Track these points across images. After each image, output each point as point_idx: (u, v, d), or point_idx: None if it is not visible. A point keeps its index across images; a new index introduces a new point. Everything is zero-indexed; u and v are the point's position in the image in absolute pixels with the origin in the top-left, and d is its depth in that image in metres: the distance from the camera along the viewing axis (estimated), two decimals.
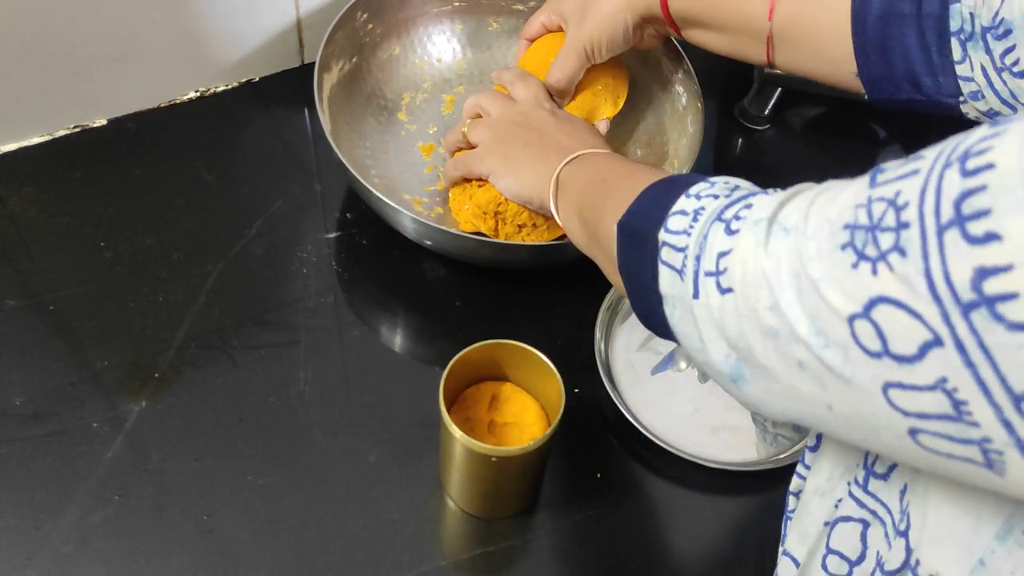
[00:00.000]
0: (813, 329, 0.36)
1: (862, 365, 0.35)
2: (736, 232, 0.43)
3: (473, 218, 0.75)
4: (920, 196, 0.32)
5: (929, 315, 0.32)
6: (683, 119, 0.84)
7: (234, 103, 0.89)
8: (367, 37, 0.85)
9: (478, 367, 0.65)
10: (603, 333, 0.76)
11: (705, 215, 0.46)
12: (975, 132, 0.32)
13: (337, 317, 0.76)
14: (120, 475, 0.67)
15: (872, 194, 0.35)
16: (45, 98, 0.81)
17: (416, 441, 0.70)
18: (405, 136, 0.85)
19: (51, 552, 0.64)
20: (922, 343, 0.32)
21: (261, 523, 0.66)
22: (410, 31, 0.88)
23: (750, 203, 0.44)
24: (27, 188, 0.81)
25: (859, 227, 0.35)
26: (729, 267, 0.42)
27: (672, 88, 0.86)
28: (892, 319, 0.33)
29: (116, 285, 0.76)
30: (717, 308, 0.43)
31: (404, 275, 0.80)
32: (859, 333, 0.34)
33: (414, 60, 0.88)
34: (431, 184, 0.83)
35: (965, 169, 0.31)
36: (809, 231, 0.38)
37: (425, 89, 0.88)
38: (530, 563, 0.67)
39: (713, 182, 0.49)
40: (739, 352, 0.42)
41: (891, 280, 0.33)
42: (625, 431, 0.72)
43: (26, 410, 0.69)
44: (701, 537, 0.69)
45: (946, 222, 0.31)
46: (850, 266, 0.35)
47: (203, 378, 0.72)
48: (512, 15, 0.91)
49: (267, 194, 0.82)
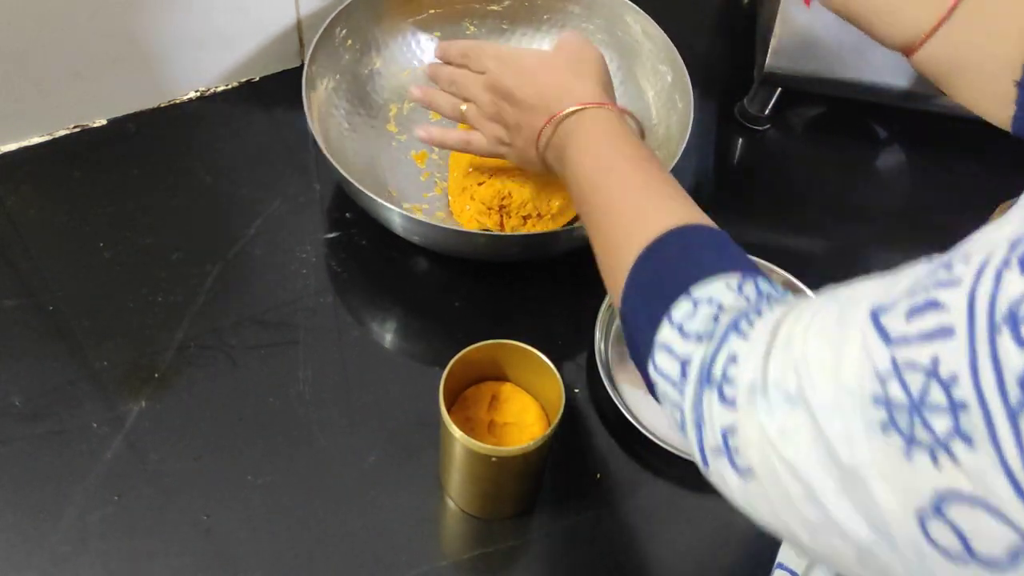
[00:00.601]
0: (873, 530, 0.31)
1: (943, 568, 0.29)
2: (733, 403, 0.38)
3: (478, 215, 0.76)
4: (971, 368, 0.27)
5: (1015, 514, 0.27)
6: (671, 96, 0.84)
7: (234, 103, 0.89)
8: (347, 54, 0.85)
9: (478, 367, 0.65)
10: (603, 333, 0.75)
11: (693, 371, 0.41)
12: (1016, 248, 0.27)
13: (336, 317, 0.76)
14: (119, 475, 0.67)
15: (896, 356, 0.30)
16: (45, 98, 0.81)
17: (416, 441, 0.70)
18: (397, 147, 0.85)
19: (50, 552, 0.63)
20: (1012, 549, 0.27)
21: (260, 523, 0.66)
22: (389, 43, 0.88)
23: (734, 354, 0.39)
24: (26, 188, 0.81)
25: (896, 404, 0.29)
26: (740, 448, 0.37)
27: (658, 68, 0.86)
28: (970, 518, 0.28)
29: (115, 285, 0.76)
30: (738, 490, 0.38)
31: (404, 275, 0.80)
32: (933, 534, 0.29)
33: (396, 71, 0.88)
34: (429, 191, 0.83)
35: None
36: (822, 401, 0.32)
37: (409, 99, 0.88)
38: (530, 563, 0.66)
39: (696, 300, 0.44)
40: (775, 526, 0.37)
41: (958, 473, 0.28)
42: (625, 431, 0.72)
43: (25, 410, 0.69)
44: (701, 537, 0.69)
45: (1017, 404, 0.26)
46: (902, 455, 0.29)
47: (202, 378, 0.72)
48: (488, 17, 0.91)
49: (266, 194, 0.82)
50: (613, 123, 0.60)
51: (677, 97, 0.83)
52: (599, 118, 0.61)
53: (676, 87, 0.83)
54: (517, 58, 0.67)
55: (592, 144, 0.59)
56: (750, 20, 0.99)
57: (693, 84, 0.81)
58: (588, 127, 0.61)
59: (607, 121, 0.60)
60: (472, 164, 0.78)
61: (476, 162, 0.78)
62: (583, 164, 0.59)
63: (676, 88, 0.83)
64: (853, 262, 0.86)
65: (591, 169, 0.58)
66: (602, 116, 0.61)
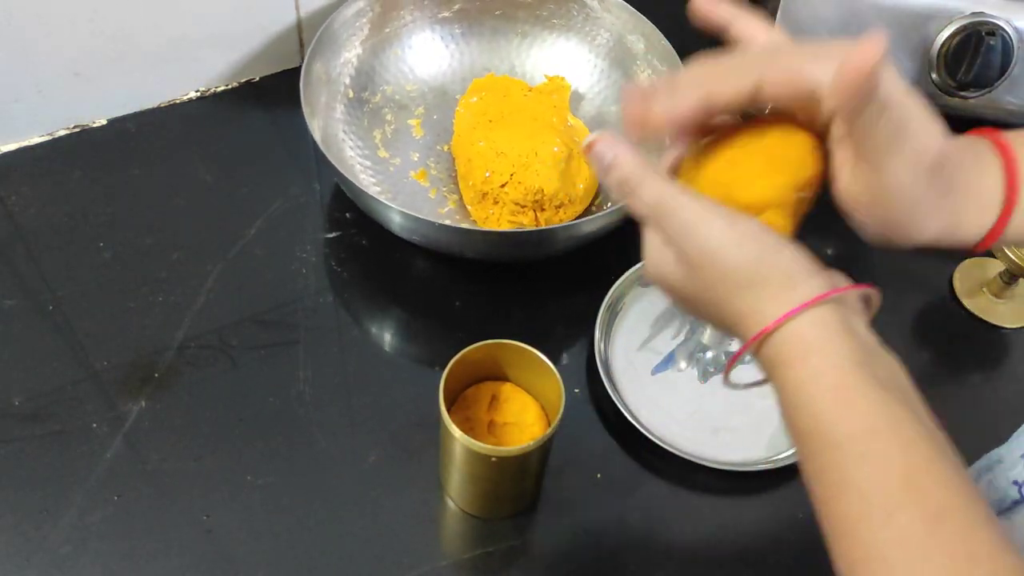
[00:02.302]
0: None
1: None
2: None
3: (511, 216, 0.76)
4: None
5: None
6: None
7: (234, 103, 0.89)
8: (347, 53, 0.84)
9: (478, 367, 0.65)
10: (603, 333, 0.75)
11: None
12: None
13: (336, 317, 0.76)
14: (119, 475, 0.67)
15: None
16: (45, 98, 0.81)
17: (416, 441, 0.70)
18: (395, 171, 0.84)
19: (50, 552, 0.63)
20: None
21: (260, 523, 0.66)
22: (390, 43, 0.87)
23: None
24: (27, 188, 0.81)
25: None
26: None
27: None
28: None
29: (115, 285, 0.76)
30: None
31: (404, 275, 0.80)
32: None
33: (368, 97, 0.86)
34: (443, 206, 0.82)
35: None
36: None
37: (389, 121, 0.86)
38: (530, 563, 0.66)
39: None
40: None
41: None
42: (625, 431, 0.71)
43: (25, 410, 0.69)
44: (701, 537, 0.69)
45: None
46: None
47: (202, 378, 0.72)
48: (488, 18, 0.90)
49: (267, 194, 0.82)
50: (847, 334, 0.42)
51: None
52: (827, 323, 0.42)
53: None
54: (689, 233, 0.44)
55: (820, 377, 0.41)
56: None
57: None
58: (810, 343, 0.42)
59: (839, 334, 0.42)
60: (487, 168, 0.78)
61: (491, 166, 0.78)
62: (808, 409, 0.41)
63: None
64: (858, 262, 0.85)
65: (818, 424, 0.41)
66: (830, 321, 0.42)
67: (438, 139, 0.86)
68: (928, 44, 0.81)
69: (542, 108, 0.84)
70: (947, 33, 0.80)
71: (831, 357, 0.41)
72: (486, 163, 0.78)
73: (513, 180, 0.77)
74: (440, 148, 0.86)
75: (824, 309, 0.42)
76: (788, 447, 0.72)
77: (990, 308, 0.81)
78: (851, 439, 0.40)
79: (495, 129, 0.80)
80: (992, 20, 0.78)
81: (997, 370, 0.79)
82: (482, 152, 0.78)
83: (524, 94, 0.86)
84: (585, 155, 0.48)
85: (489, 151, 0.78)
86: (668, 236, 0.44)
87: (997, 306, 0.81)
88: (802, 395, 0.41)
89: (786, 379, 0.42)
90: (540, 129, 0.80)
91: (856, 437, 0.39)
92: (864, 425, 0.40)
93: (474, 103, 0.85)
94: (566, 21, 0.90)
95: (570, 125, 0.85)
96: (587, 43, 0.90)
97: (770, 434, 0.73)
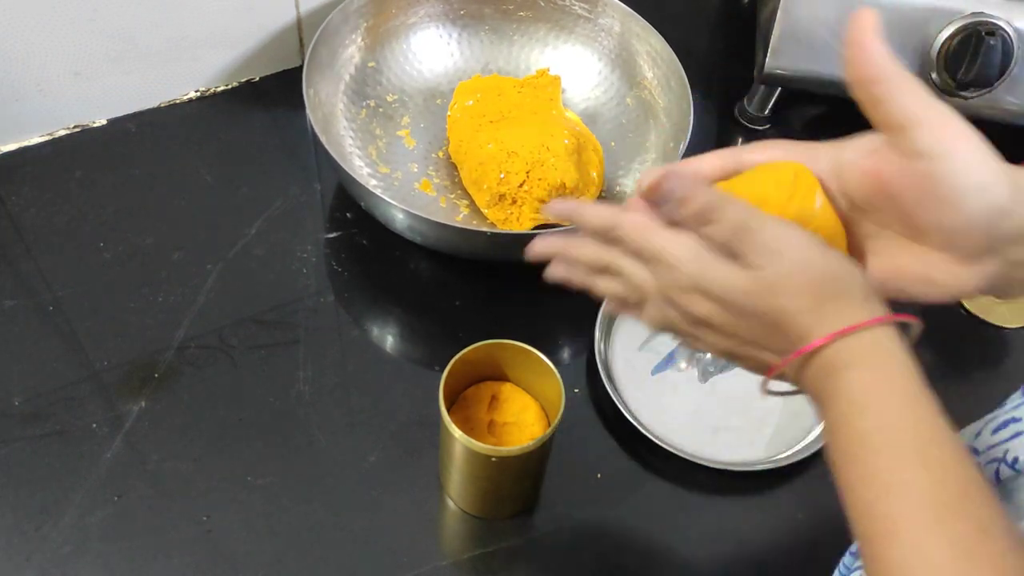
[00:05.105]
0: None
1: None
2: None
3: (533, 213, 0.76)
4: None
5: None
6: (669, 96, 0.84)
7: (234, 103, 0.89)
8: (347, 53, 0.84)
9: (478, 367, 0.65)
10: (603, 333, 0.75)
11: None
12: None
13: (336, 317, 0.76)
14: (119, 475, 0.67)
15: None
16: (45, 98, 0.81)
17: (416, 441, 0.70)
18: (399, 185, 0.82)
19: (50, 552, 0.63)
20: None
21: (260, 523, 0.66)
22: (389, 43, 0.87)
23: None
24: (27, 188, 0.81)
25: None
26: None
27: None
28: None
29: (115, 285, 0.76)
30: None
31: (404, 275, 0.80)
32: None
33: (356, 113, 0.85)
34: (456, 214, 0.81)
35: None
36: None
37: (379, 136, 0.85)
38: (530, 563, 0.66)
39: None
40: None
41: None
42: (625, 431, 0.72)
43: (25, 410, 0.69)
44: (701, 537, 0.69)
45: None
46: None
47: (202, 378, 0.72)
48: (489, 19, 0.90)
49: (267, 194, 0.82)
50: (908, 352, 0.43)
51: (676, 97, 0.82)
52: (893, 338, 0.43)
53: (675, 87, 0.83)
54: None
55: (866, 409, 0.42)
56: (750, 20, 0.99)
57: (693, 84, 0.81)
58: (884, 349, 0.43)
59: (903, 350, 0.43)
60: (501, 170, 0.77)
61: (504, 167, 0.77)
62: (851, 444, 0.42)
63: (675, 88, 0.83)
64: None
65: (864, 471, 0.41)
66: (895, 336, 0.43)
67: (431, 147, 0.86)
68: (928, 44, 0.81)
69: (539, 102, 0.84)
70: (947, 33, 0.80)
71: (901, 367, 0.42)
72: (499, 165, 0.77)
73: (531, 178, 0.76)
74: (435, 155, 0.85)
75: (892, 326, 0.44)
76: (788, 447, 0.72)
77: (990, 308, 0.81)
78: (917, 443, 0.41)
79: (500, 129, 0.80)
80: (992, 20, 0.78)
81: (997, 370, 0.80)
82: (493, 154, 0.78)
83: (518, 90, 0.86)
84: (645, 196, 0.46)
85: (500, 152, 0.78)
86: (749, 258, 0.44)
87: (997, 306, 0.81)
88: (870, 396, 0.42)
89: (851, 381, 0.42)
90: (545, 123, 0.80)
91: (922, 442, 0.41)
92: (930, 434, 0.41)
93: (470, 106, 0.84)
94: (562, 19, 0.90)
95: (568, 117, 0.85)
96: (589, 44, 0.90)
97: (770, 434, 0.73)
